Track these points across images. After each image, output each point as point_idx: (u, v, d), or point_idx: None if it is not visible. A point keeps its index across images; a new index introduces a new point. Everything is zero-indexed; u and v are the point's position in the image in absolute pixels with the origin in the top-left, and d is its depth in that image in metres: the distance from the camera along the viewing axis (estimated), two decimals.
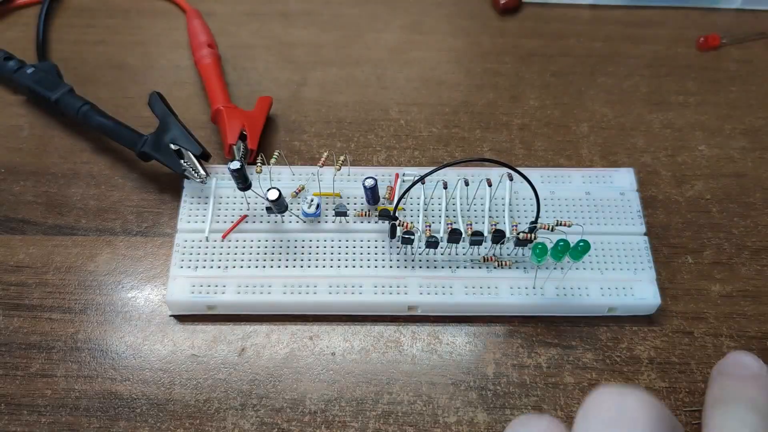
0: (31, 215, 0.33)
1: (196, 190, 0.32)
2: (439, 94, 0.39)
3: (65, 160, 0.35)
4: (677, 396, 0.29)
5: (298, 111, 0.38)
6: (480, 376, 0.29)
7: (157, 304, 0.31)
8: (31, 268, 0.32)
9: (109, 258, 0.32)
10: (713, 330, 0.30)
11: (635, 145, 0.36)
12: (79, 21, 0.42)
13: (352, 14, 0.43)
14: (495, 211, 0.32)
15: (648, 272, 0.31)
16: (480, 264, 0.31)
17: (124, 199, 0.34)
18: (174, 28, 0.42)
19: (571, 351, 0.30)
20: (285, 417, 0.28)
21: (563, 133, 0.37)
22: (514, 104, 0.38)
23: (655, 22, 0.42)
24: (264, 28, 0.42)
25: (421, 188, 0.32)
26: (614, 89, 0.39)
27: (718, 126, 0.37)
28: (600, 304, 0.30)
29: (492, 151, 0.36)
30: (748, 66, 0.40)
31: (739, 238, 0.33)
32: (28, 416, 0.28)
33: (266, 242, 0.31)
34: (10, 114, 0.37)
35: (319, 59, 0.40)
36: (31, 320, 0.30)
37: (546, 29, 0.42)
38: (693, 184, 0.35)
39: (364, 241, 0.31)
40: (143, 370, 0.29)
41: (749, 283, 0.32)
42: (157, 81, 0.39)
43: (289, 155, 0.35)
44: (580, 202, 0.33)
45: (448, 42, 0.41)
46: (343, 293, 0.30)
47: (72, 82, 0.37)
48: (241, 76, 0.39)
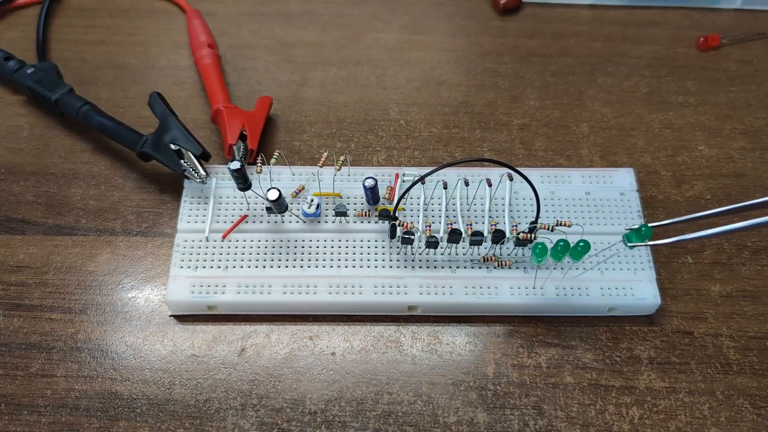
0: (31, 215, 0.33)
1: (196, 190, 0.33)
2: (439, 94, 0.39)
3: (65, 160, 0.35)
4: (677, 396, 0.29)
5: (298, 111, 0.38)
6: (480, 376, 0.29)
7: (157, 304, 0.31)
8: (31, 268, 0.32)
9: (109, 258, 0.32)
10: (713, 330, 0.30)
11: (635, 145, 0.36)
12: (79, 21, 0.42)
13: (352, 14, 0.43)
14: (495, 211, 0.32)
15: (648, 272, 0.31)
16: (480, 264, 0.31)
17: (124, 199, 0.34)
18: (174, 28, 0.42)
19: (571, 351, 0.30)
20: (285, 417, 0.28)
21: (563, 133, 0.37)
22: (514, 104, 0.38)
23: (655, 22, 0.42)
24: (264, 28, 0.42)
25: (421, 188, 0.32)
26: (614, 89, 0.39)
27: (718, 126, 0.37)
28: (600, 305, 0.30)
29: (492, 151, 0.36)
30: (748, 66, 0.40)
31: (739, 238, 0.33)
32: (28, 416, 0.28)
33: (266, 242, 0.31)
34: (11, 114, 0.37)
35: (319, 59, 0.40)
36: (31, 320, 0.30)
37: (546, 29, 0.42)
38: (693, 184, 0.35)
39: (364, 241, 0.31)
40: (143, 370, 0.29)
41: (749, 283, 0.32)
42: (157, 81, 0.39)
43: (289, 155, 0.35)
44: (580, 202, 0.33)
45: (448, 42, 0.41)
46: (343, 293, 0.30)
47: (72, 82, 0.37)
48: (241, 76, 0.39)
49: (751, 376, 0.29)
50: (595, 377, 0.29)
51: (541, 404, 0.28)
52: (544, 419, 0.28)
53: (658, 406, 0.28)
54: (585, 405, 0.28)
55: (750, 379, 0.29)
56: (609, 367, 0.29)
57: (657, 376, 0.29)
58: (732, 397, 0.29)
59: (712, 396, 0.29)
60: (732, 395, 0.29)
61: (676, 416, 0.28)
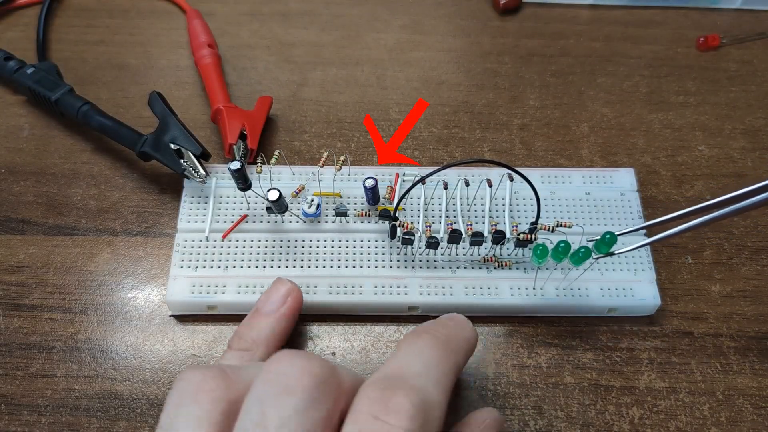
0: (31, 215, 0.33)
1: (196, 190, 0.33)
2: (439, 94, 0.39)
3: (65, 160, 0.35)
4: (677, 396, 0.29)
5: (298, 111, 0.38)
6: (480, 376, 0.29)
7: (157, 304, 0.31)
8: (31, 268, 0.32)
9: (109, 258, 0.32)
10: (713, 330, 0.30)
11: (635, 145, 0.36)
12: (79, 21, 0.42)
13: (352, 14, 0.43)
14: (495, 211, 0.32)
15: (648, 273, 0.31)
16: (480, 264, 0.31)
17: (124, 199, 0.34)
18: (174, 28, 0.42)
19: (571, 351, 0.30)
20: None
21: (563, 133, 0.37)
22: (514, 104, 0.38)
23: (655, 22, 0.42)
24: (264, 28, 0.42)
25: (421, 188, 0.32)
26: (614, 89, 0.39)
27: (718, 126, 0.37)
28: (600, 305, 0.30)
29: (492, 151, 0.36)
30: (748, 66, 0.40)
31: (739, 238, 0.33)
32: (29, 416, 0.28)
33: (266, 242, 0.31)
34: (11, 114, 0.37)
35: (319, 59, 0.40)
36: (31, 320, 0.30)
37: (546, 29, 0.42)
38: (693, 184, 0.35)
39: (364, 241, 0.31)
40: (143, 370, 0.29)
41: (749, 283, 0.32)
42: (157, 81, 0.39)
43: (289, 155, 0.35)
44: (580, 202, 0.33)
45: (448, 42, 0.41)
46: (343, 293, 0.30)
47: (72, 82, 0.37)
48: (241, 76, 0.39)
49: (751, 376, 0.29)
50: (595, 377, 0.29)
51: (541, 404, 0.28)
52: (544, 419, 0.28)
53: (658, 406, 0.28)
54: (585, 405, 0.28)
55: (750, 379, 0.29)
56: (609, 367, 0.29)
57: (657, 376, 0.29)
58: (732, 397, 0.29)
59: (712, 396, 0.29)
60: (732, 395, 0.29)
61: (676, 416, 0.28)
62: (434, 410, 0.20)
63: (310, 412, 0.19)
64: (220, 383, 0.20)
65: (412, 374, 0.21)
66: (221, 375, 0.21)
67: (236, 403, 0.20)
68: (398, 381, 0.20)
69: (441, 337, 0.23)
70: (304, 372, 0.19)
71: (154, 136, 0.33)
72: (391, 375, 0.21)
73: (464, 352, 0.23)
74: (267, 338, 0.27)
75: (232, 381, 0.20)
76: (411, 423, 0.19)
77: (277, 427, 0.18)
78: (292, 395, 0.19)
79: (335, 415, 0.20)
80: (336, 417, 0.20)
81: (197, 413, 0.20)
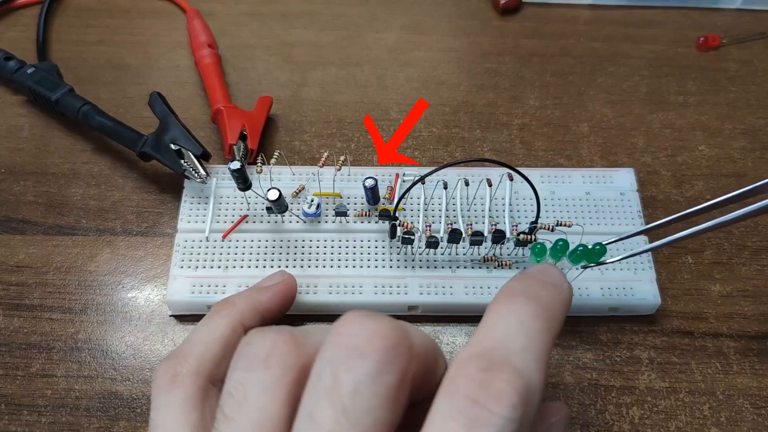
0: (31, 215, 0.33)
1: (197, 190, 0.33)
2: (439, 94, 0.39)
3: (65, 160, 0.35)
4: (677, 396, 0.29)
5: (298, 111, 0.38)
6: None
7: (158, 304, 0.31)
8: (31, 268, 0.32)
9: (109, 258, 0.32)
10: (713, 330, 0.30)
11: (635, 145, 0.36)
12: (79, 21, 0.42)
13: (352, 14, 0.43)
14: (495, 211, 0.32)
15: (648, 272, 0.31)
16: (480, 264, 0.31)
17: (124, 199, 0.34)
18: (174, 28, 0.42)
19: (571, 351, 0.30)
20: None
21: (563, 133, 0.37)
22: (514, 104, 0.38)
23: (655, 22, 0.42)
24: (264, 28, 0.42)
25: (421, 188, 0.32)
26: (614, 89, 0.39)
27: (718, 126, 0.37)
28: (600, 304, 0.30)
29: (492, 151, 0.36)
30: (748, 66, 0.40)
31: (739, 238, 0.33)
32: (29, 416, 0.28)
33: (266, 242, 0.31)
34: (11, 114, 0.37)
35: (319, 59, 0.40)
36: (31, 320, 0.30)
37: (546, 29, 0.42)
38: (693, 184, 0.35)
39: (364, 241, 0.31)
40: (143, 370, 0.29)
41: (749, 283, 0.32)
42: (157, 81, 0.39)
43: (290, 155, 0.35)
44: (580, 202, 0.33)
45: (448, 42, 0.41)
46: (343, 293, 0.30)
47: (72, 82, 0.37)
48: (241, 76, 0.39)
49: (751, 376, 0.29)
50: (595, 377, 0.29)
51: None
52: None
53: (658, 406, 0.28)
54: (585, 405, 0.28)
55: (750, 379, 0.29)
56: (609, 367, 0.29)
57: (657, 376, 0.29)
58: (732, 397, 0.29)
59: (712, 396, 0.29)
60: (732, 395, 0.29)
61: (676, 416, 0.28)
62: (535, 396, 0.18)
63: (383, 376, 0.18)
64: (292, 348, 0.20)
65: (515, 350, 0.19)
66: (292, 339, 0.20)
67: (306, 368, 0.19)
68: (501, 360, 0.18)
69: (543, 303, 0.20)
70: (375, 334, 0.18)
71: (155, 136, 0.33)
72: (492, 350, 0.19)
73: (562, 321, 0.21)
74: (247, 303, 0.26)
75: (301, 345, 0.20)
76: (514, 412, 0.17)
77: (351, 393, 0.17)
78: (364, 358, 0.18)
79: (407, 381, 0.18)
80: (408, 382, 0.18)
81: (270, 379, 0.19)
